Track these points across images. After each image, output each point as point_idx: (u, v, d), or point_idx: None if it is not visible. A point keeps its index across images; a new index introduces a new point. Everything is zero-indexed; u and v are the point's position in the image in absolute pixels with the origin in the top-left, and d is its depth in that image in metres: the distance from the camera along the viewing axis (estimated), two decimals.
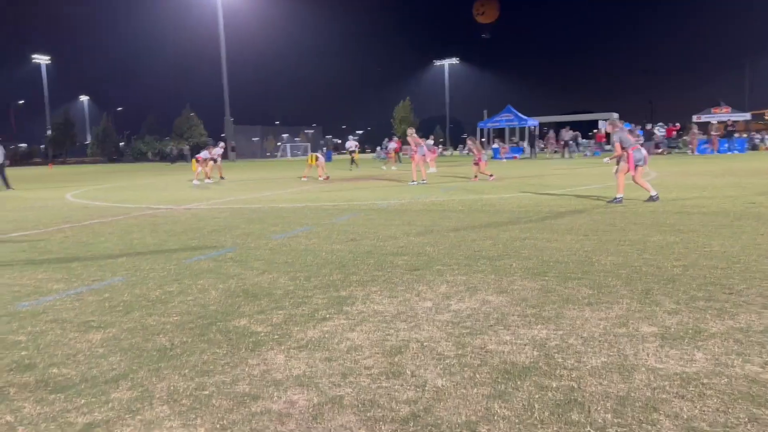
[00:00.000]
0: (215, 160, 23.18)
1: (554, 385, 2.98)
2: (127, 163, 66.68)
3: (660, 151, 37.38)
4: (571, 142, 40.18)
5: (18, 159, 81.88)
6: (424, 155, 18.57)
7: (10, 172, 23.33)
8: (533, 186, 15.48)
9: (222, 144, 25.36)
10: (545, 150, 43.70)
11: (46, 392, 3.08)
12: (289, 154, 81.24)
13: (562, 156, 39.75)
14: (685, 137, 40.59)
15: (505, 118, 45.26)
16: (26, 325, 4.27)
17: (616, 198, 10.54)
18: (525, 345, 3.59)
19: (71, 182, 26.09)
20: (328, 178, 21.39)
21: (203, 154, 22.76)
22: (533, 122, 45.38)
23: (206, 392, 3.05)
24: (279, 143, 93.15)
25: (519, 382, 3.04)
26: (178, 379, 3.22)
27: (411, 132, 18.74)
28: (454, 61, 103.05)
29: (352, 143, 34.68)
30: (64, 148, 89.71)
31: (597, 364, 3.25)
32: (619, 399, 2.81)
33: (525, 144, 46.04)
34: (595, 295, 4.61)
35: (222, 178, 23.79)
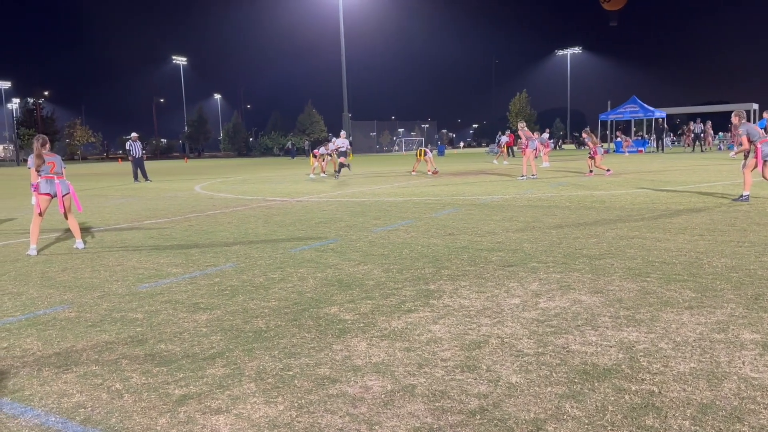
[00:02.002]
0: (330, 155, 24.00)
1: (633, 389, 2.88)
2: (254, 158, 70.76)
3: None
4: (702, 134, 37.27)
5: (158, 153, 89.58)
6: (535, 149, 18.06)
7: (150, 165, 25.63)
8: (652, 182, 14.61)
9: (334, 139, 26.13)
10: (678, 143, 40.81)
11: (152, 365, 3.44)
12: (403, 149, 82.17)
13: (692, 150, 37.05)
14: None
15: (630, 110, 42.82)
16: (144, 304, 4.75)
17: (742, 196, 9.72)
18: (611, 347, 3.48)
19: (202, 175, 28.14)
20: (437, 172, 21.45)
21: (321, 149, 23.67)
22: (660, 114, 42.58)
23: (291, 373, 3.27)
24: (394, 138, 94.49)
25: (596, 384, 2.97)
26: (267, 360, 3.47)
27: (522, 125, 18.35)
28: (577, 50, 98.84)
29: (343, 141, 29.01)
30: (198, 143, 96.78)
31: (685, 369, 3.09)
32: (702, 407, 2.67)
33: (651, 137, 43.33)
34: (697, 298, 4.34)
35: (337, 172, 24.57)
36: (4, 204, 14.41)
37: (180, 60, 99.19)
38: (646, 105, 42.32)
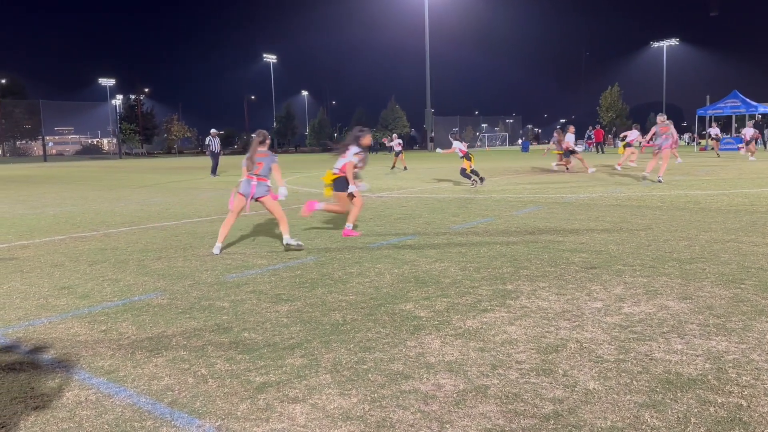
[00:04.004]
0: (399, 152, 24.18)
1: (719, 401, 2.74)
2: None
3: None
4: None
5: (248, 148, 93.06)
6: (669, 147, 14.97)
7: (241, 159, 26.55)
8: (753, 182, 13.65)
9: (394, 135, 26.20)
10: None
11: (236, 352, 3.61)
12: (486, 145, 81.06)
13: None
14: None
15: (731, 105, 40.15)
16: (230, 293, 4.98)
17: None
18: (697, 356, 3.31)
19: (287, 169, 28.97)
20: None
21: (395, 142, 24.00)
22: (765, 109, 39.64)
23: (365, 366, 3.33)
24: (477, 133, 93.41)
25: (679, 394, 2.84)
26: (343, 352, 3.55)
27: (663, 118, 15.06)
28: (674, 42, 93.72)
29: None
30: (286, 138, 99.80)
31: None
32: None
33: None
34: None
35: (405, 168, 24.63)
36: (106, 195, 15.47)
37: (270, 58, 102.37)
38: (748, 99, 39.54)
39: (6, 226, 9.51)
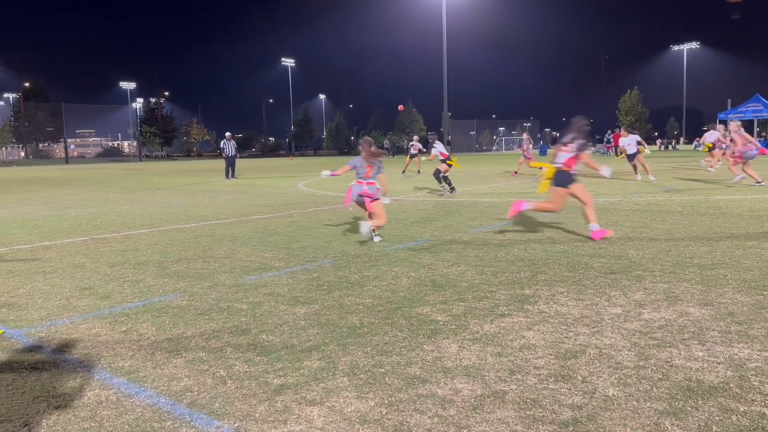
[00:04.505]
0: (413, 155, 24.13)
1: (742, 409, 2.70)
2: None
3: None
4: None
5: (267, 151, 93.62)
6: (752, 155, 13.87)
7: (258, 162, 26.78)
8: None
9: (415, 138, 25.99)
10: None
11: (254, 354, 3.63)
12: (503, 148, 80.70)
13: None
14: None
15: (752, 108, 39.70)
16: (249, 295, 5.01)
17: None
18: (719, 363, 3.27)
19: (305, 172, 29.11)
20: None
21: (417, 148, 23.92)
22: None
23: (382, 370, 3.33)
24: (494, 137, 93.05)
25: (701, 402, 2.81)
26: (360, 356, 3.56)
27: (736, 125, 14.31)
28: (694, 45, 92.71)
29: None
30: (303, 142, 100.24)
31: None
32: None
33: None
34: None
35: (418, 172, 24.57)
36: (127, 197, 15.67)
37: (288, 62, 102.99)
38: None
39: (29, 228, 9.67)
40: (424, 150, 25.41)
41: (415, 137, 26.17)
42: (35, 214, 11.85)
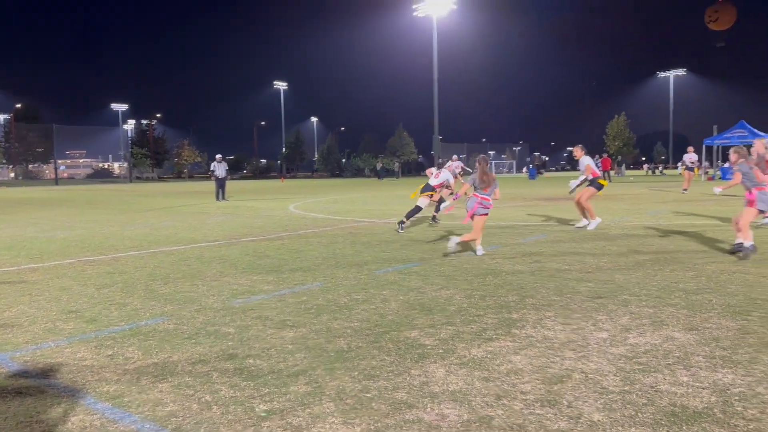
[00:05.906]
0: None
1: None
2: (346, 178, 72.48)
3: None
4: None
5: (258, 173, 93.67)
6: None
7: (249, 184, 26.76)
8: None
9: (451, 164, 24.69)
10: None
11: (240, 379, 3.62)
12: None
13: None
14: None
15: (738, 134, 40.26)
16: (237, 319, 5.00)
17: None
18: (703, 389, 3.29)
19: (296, 194, 29.14)
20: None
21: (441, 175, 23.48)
22: None
23: (369, 395, 3.33)
24: None
25: (685, 427, 2.83)
26: (347, 380, 3.56)
27: (764, 141, 10.81)
28: (681, 72, 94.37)
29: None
30: (294, 164, 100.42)
31: None
32: None
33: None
34: None
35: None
36: (116, 218, 15.60)
37: (281, 84, 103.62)
38: (756, 130, 39.63)
39: (16, 249, 9.60)
40: (466, 171, 22.77)
41: (454, 156, 23.96)
42: (23, 235, 11.77)
